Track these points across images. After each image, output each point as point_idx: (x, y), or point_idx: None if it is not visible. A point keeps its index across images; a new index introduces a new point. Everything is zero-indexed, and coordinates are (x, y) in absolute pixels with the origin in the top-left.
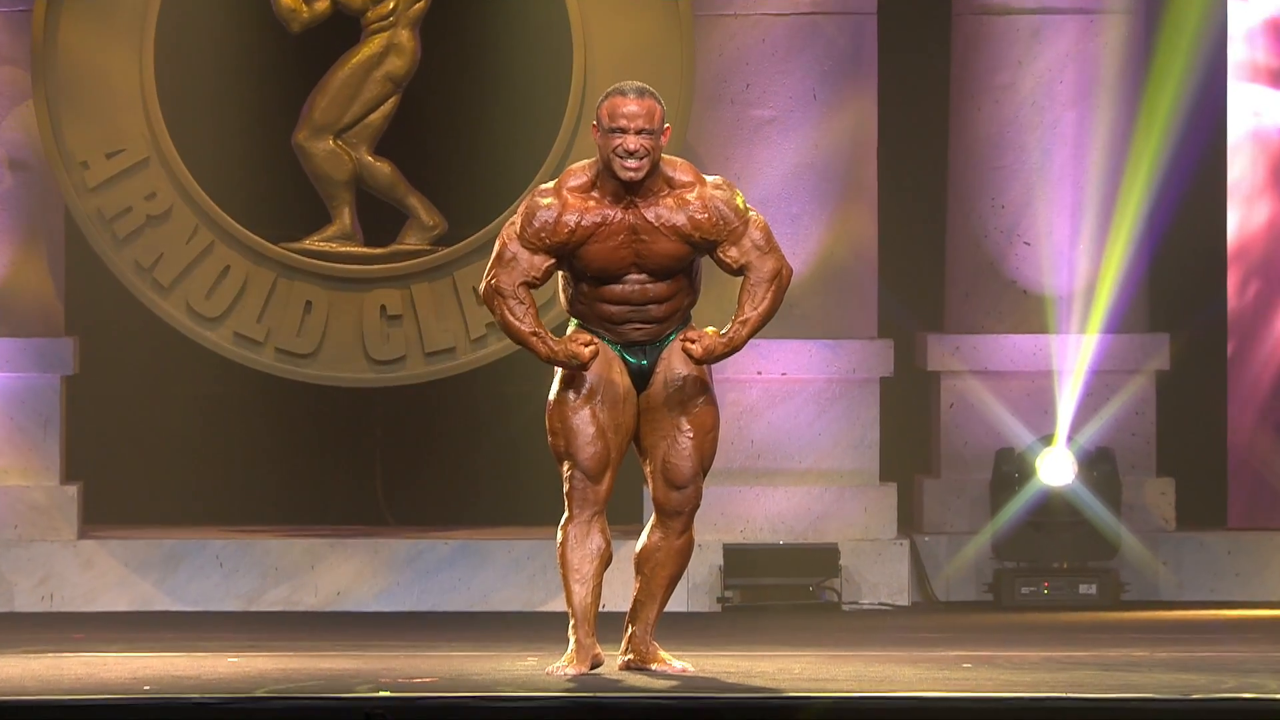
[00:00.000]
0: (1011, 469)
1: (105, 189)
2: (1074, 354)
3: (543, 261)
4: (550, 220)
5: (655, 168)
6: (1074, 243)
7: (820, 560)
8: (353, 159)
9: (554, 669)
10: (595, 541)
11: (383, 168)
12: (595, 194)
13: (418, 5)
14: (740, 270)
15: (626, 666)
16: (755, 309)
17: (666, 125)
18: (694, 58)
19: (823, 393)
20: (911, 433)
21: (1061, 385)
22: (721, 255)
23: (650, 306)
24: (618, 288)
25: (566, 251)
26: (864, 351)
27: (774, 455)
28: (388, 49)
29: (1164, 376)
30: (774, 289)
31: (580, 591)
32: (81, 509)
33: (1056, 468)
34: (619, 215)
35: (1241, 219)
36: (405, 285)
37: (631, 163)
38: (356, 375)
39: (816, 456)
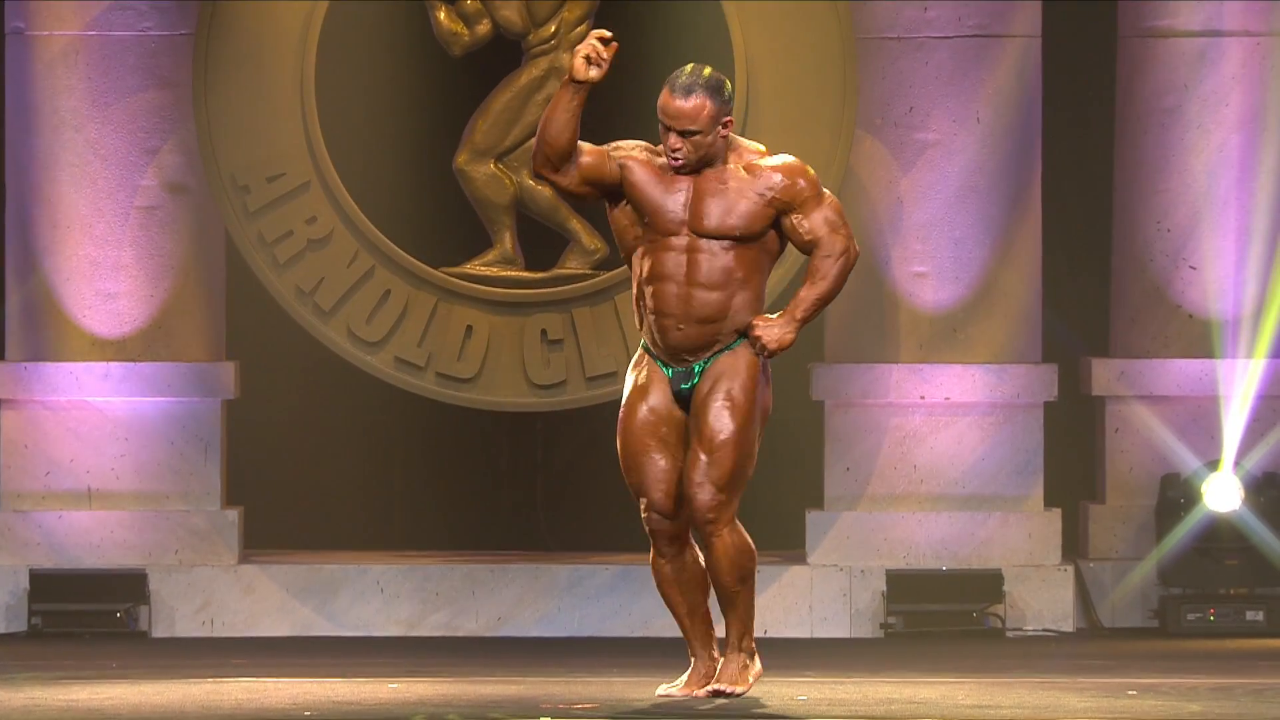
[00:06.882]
0: (1177, 494)
1: (266, 213)
2: (1240, 378)
3: (602, 161)
4: (633, 150)
5: (718, 148)
6: (1240, 266)
7: (984, 586)
8: (514, 183)
9: (665, 690)
10: (690, 570)
11: (544, 191)
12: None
13: (580, 29)
14: (810, 244)
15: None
16: (818, 286)
17: (727, 118)
18: (857, 81)
19: (986, 417)
20: (1076, 458)
21: (1228, 410)
22: (795, 224)
23: (698, 292)
24: (667, 256)
25: (625, 186)
26: (1028, 376)
27: (937, 480)
28: (549, 73)
29: None
30: (840, 266)
31: (689, 622)
32: (242, 534)
33: (1223, 493)
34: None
35: None
36: (566, 309)
37: (676, 158)
38: (517, 400)
39: (980, 482)
